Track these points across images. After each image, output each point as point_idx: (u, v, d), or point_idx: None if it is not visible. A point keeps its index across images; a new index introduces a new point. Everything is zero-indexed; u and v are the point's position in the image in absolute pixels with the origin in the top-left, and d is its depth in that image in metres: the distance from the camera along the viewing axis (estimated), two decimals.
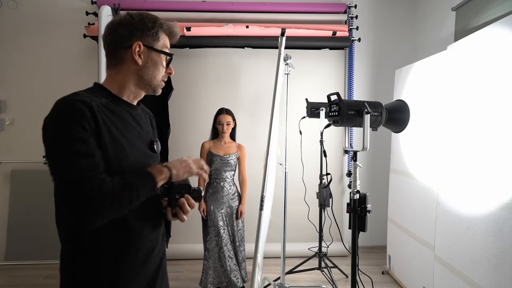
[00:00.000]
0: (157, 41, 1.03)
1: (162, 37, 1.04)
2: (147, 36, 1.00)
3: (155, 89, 1.07)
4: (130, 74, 1.01)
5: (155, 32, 1.02)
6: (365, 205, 1.68)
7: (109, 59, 1.03)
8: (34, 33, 3.57)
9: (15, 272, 3.25)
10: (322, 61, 3.70)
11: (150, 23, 1.01)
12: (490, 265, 1.80)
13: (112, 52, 1.02)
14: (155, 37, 1.02)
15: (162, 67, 1.05)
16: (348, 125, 1.71)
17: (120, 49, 1.00)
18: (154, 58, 1.02)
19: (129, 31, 0.98)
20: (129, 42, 0.99)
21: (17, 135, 3.54)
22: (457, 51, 2.22)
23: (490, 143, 1.85)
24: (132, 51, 0.99)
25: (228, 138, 2.72)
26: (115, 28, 1.00)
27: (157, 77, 1.05)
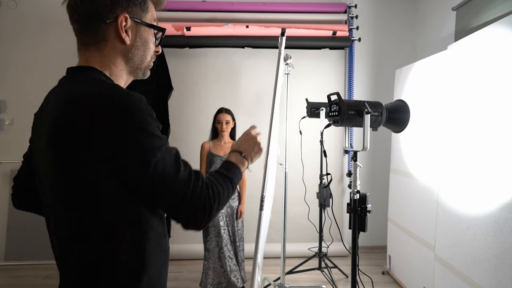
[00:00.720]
0: (145, 12, 0.81)
1: (151, 6, 0.83)
2: (134, 5, 0.79)
3: (145, 72, 0.88)
4: (117, 56, 0.80)
5: (143, 1, 0.80)
6: (365, 205, 1.68)
7: (84, 37, 0.79)
8: (33, 32, 3.57)
9: (14, 272, 3.25)
10: (322, 61, 3.70)
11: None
12: (491, 265, 1.80)
13: (86, 28, 0.78)
14: (143, 6, 0.81)
15: (152, 44, 0.85)
16: (348, 125, 1.71)
17: (99, 23, 0.77)
18: (144, 34, 0.82)
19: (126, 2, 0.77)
20: (112, 14, 0.76)
21: (17, 135, 3.54)
22: (457, 51, 2.21)
23: (490, 143, 1.85)
24: (118, 27, 0.77)
25: (228, 138, 2.72)
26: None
27: (147, 57, 0.85)
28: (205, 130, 2.89)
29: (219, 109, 2.73)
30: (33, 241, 3.40)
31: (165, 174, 0.71)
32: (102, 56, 0.79)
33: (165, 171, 0.71)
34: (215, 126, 2.71)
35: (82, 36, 0.80)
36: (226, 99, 3.48)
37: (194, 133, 3.48)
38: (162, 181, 0.71)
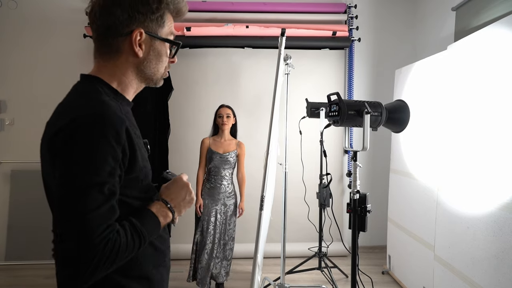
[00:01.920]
0: (162, 27, 0.83)
1: (168, 20, 0.84)
2: (150, 20, 0.80)
3: (157, 82, 0.89)
4: (129, 68, 0.83)
5: (160, 16, 0.81)
6: (365, 205, 1.68)
7: (100, 46, 0.83)
8: (34, 33, 3.57)
9: (15, 272, 3.25)
10: (322, 61, 3.70)
11: (155, 3, 0.79)
12: (490, 265, 1.80)
13: (103, 39, 0.81)
14: (160, 22, 0.82)
15: (166, 57, 0.86)
16: (348, 125, 1.71)
17: (115, 36, 0.79)
18: (158, 48, 0.83)
19: (129, 13, 0.77)
20: (128, 28, 0.78)
21: (17, 135, 3.54)
22: (457, 51, 2.21)
23: (490, 143, 1.85)
24: (132, 41, 0.79)
25: (228, 134, 2.73)
26: (110, 8, 0.77)
27: (161, 69, 0.87)
28: (205, 130, 2.89)
29: (220, 105, 2.77)
30: (33, 241, 3.41)
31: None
32: (115, 66, 0.82)
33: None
34: (215, 122, 2.73)
35: (98, 45, 0.83)
36: (226, 99, 3.47)
37: (194, 133, 3.48)
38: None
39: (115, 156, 0.71)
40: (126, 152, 0.74)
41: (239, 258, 3.37)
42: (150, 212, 0.81)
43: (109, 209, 0.69)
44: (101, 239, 0.66)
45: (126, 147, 0.74)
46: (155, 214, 0.81)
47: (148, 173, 0.86)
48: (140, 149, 0.82)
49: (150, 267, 0.85)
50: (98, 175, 0.68)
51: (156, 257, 0.88)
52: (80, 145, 0.68)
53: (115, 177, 0.71)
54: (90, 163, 0.67)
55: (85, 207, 0.66)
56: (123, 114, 0.77)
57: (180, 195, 0.88)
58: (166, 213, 0.84)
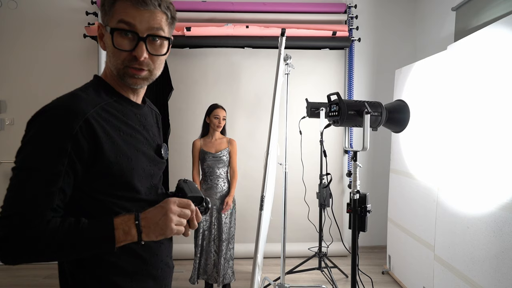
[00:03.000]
0: (111, 17, 0.79)
1: (117, 7, 0.79)
2: (104, 13, 0.81)
3: (125, 80, 0.83)
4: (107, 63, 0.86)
5: (108, 6, 0.79)
6: (365, 205, 1.68)
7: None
8: (34, 33, 3.57)
9: (15, 272, 3.25)
10: (322, 61, 3.70)
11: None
12: (490, 265, 1.80)
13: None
14: (109, 12, 0.79)
15: (115, 48, 0.79)
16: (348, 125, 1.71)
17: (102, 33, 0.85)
18: (107, 40, 0.81)
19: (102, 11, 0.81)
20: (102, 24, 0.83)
21: (17, 135, 3.53)
22: (457, 51, 2.21)
23: (490, 143, 1.85)
24: (98, 34, 0.84)
25: (218, 134, 2.72)
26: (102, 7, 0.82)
27: (116, 63, 0.81)
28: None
29: (214, 104, 2.72)
30: None
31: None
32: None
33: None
34: (207, 122, 2.71)
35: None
36: (226, 99, 3.48)
37: (194, 133, 3.47)
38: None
39: (61, 147, 0.73)
40: (82, 144, 0.74)
41: (239, 258, 3.37)
42: (108, 220, 0.75)
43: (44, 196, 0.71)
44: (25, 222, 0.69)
45: (82, 139, 0.74)
46: (112, 225, 0.75)
47: (132, 171, 0.83)
48: (115, 143, 0.80)
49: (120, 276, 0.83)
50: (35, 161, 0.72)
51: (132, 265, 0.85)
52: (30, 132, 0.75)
53: (57, 166, 0.72)
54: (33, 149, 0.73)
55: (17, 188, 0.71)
56: (94, 107, 0.78)
57: (156, 216, 0.78)
58: (130, 228, 0.75)
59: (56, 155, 0.72)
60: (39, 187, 0.71)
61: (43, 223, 0.70)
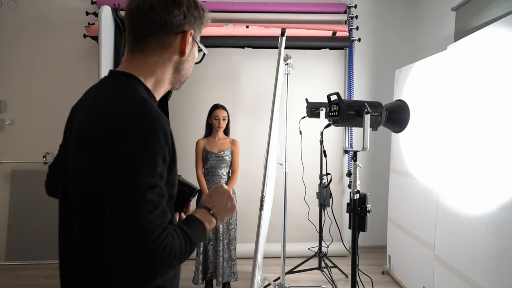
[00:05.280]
0: (200, 33, 0.88)
1: (205, 21, 0.88)
2: (197, 25, 0.85)
3: (182, 84, 0.91)
4: (170, 65, 0.84)
5: (201, 22, 0.86)
6: (365, 205, 1.68)
7: (144, 41, 0.81)
8: (34, 33, 3.57)
9: (15, 272, 3.25)
10: (322, 61, 3.70)
11: (201, 10, 0.85)
12: (490, 265, 1.80)
13: (154, 34, 0.80)
14: (201, 28, 0.87)
15: (193, 59, 0.90)
16: (348, 125, 1.71)
17: (168, 33, 0.81)
18: (195, 51, 0.88)
19: (184, 14, 0.81)
20: (181, 28, 0.81)
21: (17, 135, 3.54)
22: (457, 51, 2.21)
23: (490, 143, 1.85)
24: (186, 40, 0.82)
25: (222, 134, 2.74)
26: (169, 7, 0.79)
27: (190, 71, 0.90)
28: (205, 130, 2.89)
29: (214, 105, 2.74)
30: (34, 241, 3.41)
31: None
32: (155, 63, 0.82)
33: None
34: (209, 122, 2.72)
35: (145, 40, 0.81)
36: (226, 99, 3.48)
37: (194, 133, 3.47)
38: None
39: (164, 157, 0.69)
40: (170, 154, 0.72)
41: (239, 258, 3.36)
42: (196, 219, 0.80)
43: (162, 212, 0.67)
44: (159, 243, 0.64)
45: (170, 148, 0.72)
46: (200, 220, 0.80)
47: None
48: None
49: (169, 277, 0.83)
50: (151, 177, 0.66)
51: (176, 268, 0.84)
52: (131, 144, 0.66)
53: (163, 179, 0.69)
54: (142, 164, 0.65)
55: (140, 209, 0.63)
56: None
57: (222, 202, 0.89)
58: (210, 219, 0.83)
59: (162, 168, 0.69)
60: (158, 205, 0.68)
61: (171, 240, 0.69)
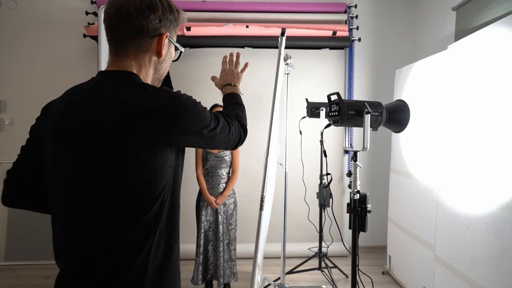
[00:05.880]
0: (175, 34, 0.96)
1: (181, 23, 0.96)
2: (173, 28, 0.92)
3: (160, 82, 1.00)
4: (151, 66, 0.92)
5: (177, 24, 0.93)
6: (365, 205, 1.68)
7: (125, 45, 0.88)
8: (33, 33, 3.57)
9: (15, 272, 3.25)
10: (322, 61, 3.70)
11: (176, 12, 0.92)
12: (491, 265, 1.80)
13: (133, 38, 0.87)
14: (176, 29, 0.95)
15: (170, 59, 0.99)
16: (348, 125, 1.70)
17: (145, 37, 0.87)
18: (171, 51, 0.96)
19: (160, 19, 0.87)
20: (157, 31, 0.88)
21: (17, 135, 3.54)
22: (458, 51, 2.21)
23: (490, 143, 1.85)
24: (161, 42, 0.89)
25: None
26: (145, 12, 0.85)
27: (167, 70, 0.99)
28: None
29: (213, 105, 2.76)
30: (33, 241, 3.40)
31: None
32: (139, 65, 0.90)
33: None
34: None
35: (125, 44, 0.88)
36: None
37: None
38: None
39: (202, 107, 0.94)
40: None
41: (239, 258, 3.36)
42: (231, 93, 1.20)
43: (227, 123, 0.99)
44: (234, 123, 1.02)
45: None
46: (234, 92, 1.22)
47: None
48: None
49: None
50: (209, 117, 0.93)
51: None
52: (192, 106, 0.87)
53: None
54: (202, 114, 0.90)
55: (220, 118, 0.97)
56: None
57: (232, 75, 1.32)
58: (236, 88, 1.26)
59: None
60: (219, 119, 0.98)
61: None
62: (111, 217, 0.79)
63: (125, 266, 0.79)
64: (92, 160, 0.80)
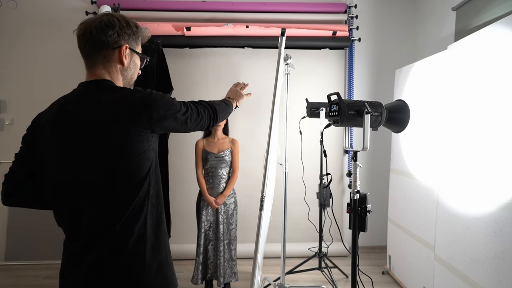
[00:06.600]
0: (138, 45, 1.14)
1: (140, 40, 1.15)
2: (132, 40, 1.10)
3: (131, 86, 1.18)
4: (118, 73, 1.09)
5: (137, 37, 1.12)
6: (365, 205, 1.68)
7: (94, 57, 1.06)
8: (33, 33, 3.57)
9: (15, 272, 3.25)
10: (322, 61, 3.70)
11: (134, 27, 1.10)
12: (491, 265, 1.80)
13: (98, 51, 1.05)
14: (137, 41, 1.13)
15: (138, 68, 1.16)
16: (348, 125, 1.70)
17: (107, 49, 1.05)
18: (135, 60, 1.13)
19: (118, 33, 1.05)
20: (117, 44, 1.06)
21: (17, 135, 3.51)
22: (458, 51, 2.21)
23: (490, 143, 1.85)
24: (121, 52, 1.06)
25: (221, 134, 2.74)
26: (103, 29, 1.03)
27: (134, 76, 1.16)
28: None
29: None
30: (33, 241, 3.41)
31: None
32: (108, 72, 1.07)
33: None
34: None
35: (93, 57, 1.05)
36: None
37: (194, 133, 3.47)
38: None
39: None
40: None
41: (239, 258, 3.36)
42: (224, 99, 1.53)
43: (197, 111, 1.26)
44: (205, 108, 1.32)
45: None
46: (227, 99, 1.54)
47: None
48: None
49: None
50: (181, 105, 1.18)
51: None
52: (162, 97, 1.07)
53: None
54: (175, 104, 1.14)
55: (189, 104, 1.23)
56: None
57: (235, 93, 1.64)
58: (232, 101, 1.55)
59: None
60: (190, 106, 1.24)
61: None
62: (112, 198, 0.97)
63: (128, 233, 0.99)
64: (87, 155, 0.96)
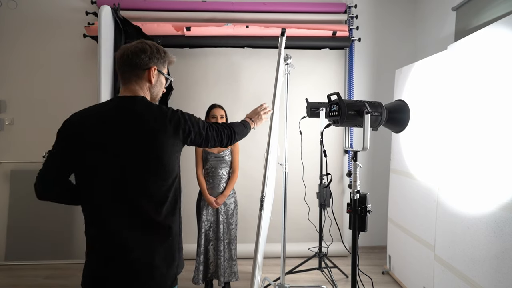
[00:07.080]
0: (164, 67, 1.37)
1: (167, 64, 1.39)
2: (160, 63, 1.34)
3: (157, 102, 1.44)
4: (147, 90, 1.33)
5: (164, 61, 1.36)
6: (365, 205, 1.68)
7: (129, 75, 1.30)
8: (33, 33, 3.57)
9: (15, 272, 3.25)
10: (322, 61, 3.70)
11: (162, 53, 1.35)
12: (491, 265, 1.80)
13: (133, 71, 1.29)
14: (164, 64, 1.36)
15: (163, 86, 1.40)
16: (348, 125, 1.71)
17: (140, 69, 1.29)
18: (161, 79, 1.37)
19: (149, 57, 1.30)
20: (148, 65, 1.30)
21: (17, 135, 3.54)
22: (458, 51, 2.21)
23: (490, 143, 1.85)
24: (150, 73, 1.30)
25: None
26: (138, 53, 1.29)
27: (160, 94, 1.41)
28: None
29: (211, 105, 2.76)
30: (33, 241, 3.41)
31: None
32: (140, 88, 1.32)
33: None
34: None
35: (127, 75, 1.30)
36: (226, 99, 3.48)
37: None
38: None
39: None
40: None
41: (239, 258, 3.36)
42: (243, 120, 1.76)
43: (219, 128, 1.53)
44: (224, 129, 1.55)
45: None
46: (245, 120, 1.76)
47: None
48: None
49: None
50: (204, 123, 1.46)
51: None
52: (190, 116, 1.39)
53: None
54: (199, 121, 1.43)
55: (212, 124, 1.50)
56: None
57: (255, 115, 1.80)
58: (250, 122, 1.75)
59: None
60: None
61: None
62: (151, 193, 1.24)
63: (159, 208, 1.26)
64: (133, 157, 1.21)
